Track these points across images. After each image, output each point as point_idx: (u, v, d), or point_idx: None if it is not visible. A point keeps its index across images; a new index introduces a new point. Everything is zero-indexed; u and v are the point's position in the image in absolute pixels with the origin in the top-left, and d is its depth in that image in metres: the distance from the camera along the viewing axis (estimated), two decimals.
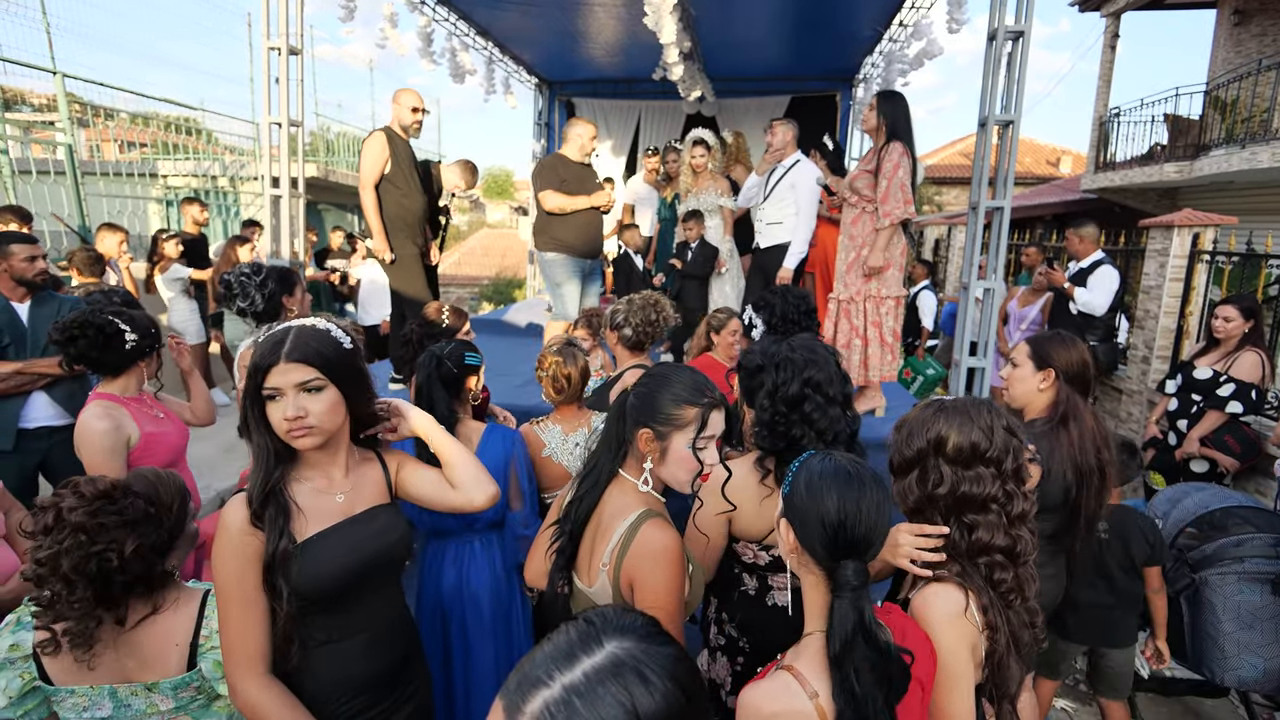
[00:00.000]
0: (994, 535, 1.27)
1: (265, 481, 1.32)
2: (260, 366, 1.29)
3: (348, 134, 12.91)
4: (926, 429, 1.32)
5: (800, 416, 1.62)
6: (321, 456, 1.41)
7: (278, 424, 1.30)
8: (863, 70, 7.40)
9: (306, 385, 1.30)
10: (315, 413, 1.31)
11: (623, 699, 0.59)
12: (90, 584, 1.28)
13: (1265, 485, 3.97)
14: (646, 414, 1.39)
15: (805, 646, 1.16)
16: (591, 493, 1.43)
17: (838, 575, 1.11)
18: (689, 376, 1.43)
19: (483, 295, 17.69)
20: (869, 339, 3.66)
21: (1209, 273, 5.11)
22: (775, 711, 1.06)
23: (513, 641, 2.22)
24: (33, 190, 6.02)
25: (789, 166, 4.38)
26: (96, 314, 2.21)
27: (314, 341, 1.32)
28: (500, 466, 2.18)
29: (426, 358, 2.17)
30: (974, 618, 1.25)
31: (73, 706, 1.36)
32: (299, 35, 4.25)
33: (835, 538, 1.12)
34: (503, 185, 36.57)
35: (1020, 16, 3.70)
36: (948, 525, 1.31)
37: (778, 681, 1.11)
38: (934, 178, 19.57)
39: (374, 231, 4.10)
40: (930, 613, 1.26)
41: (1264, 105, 8.89)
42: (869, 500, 1.13)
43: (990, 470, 1.28)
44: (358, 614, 1.44)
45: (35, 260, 2.99)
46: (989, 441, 1.28)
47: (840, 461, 1.20)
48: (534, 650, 0.65)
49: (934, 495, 1.31)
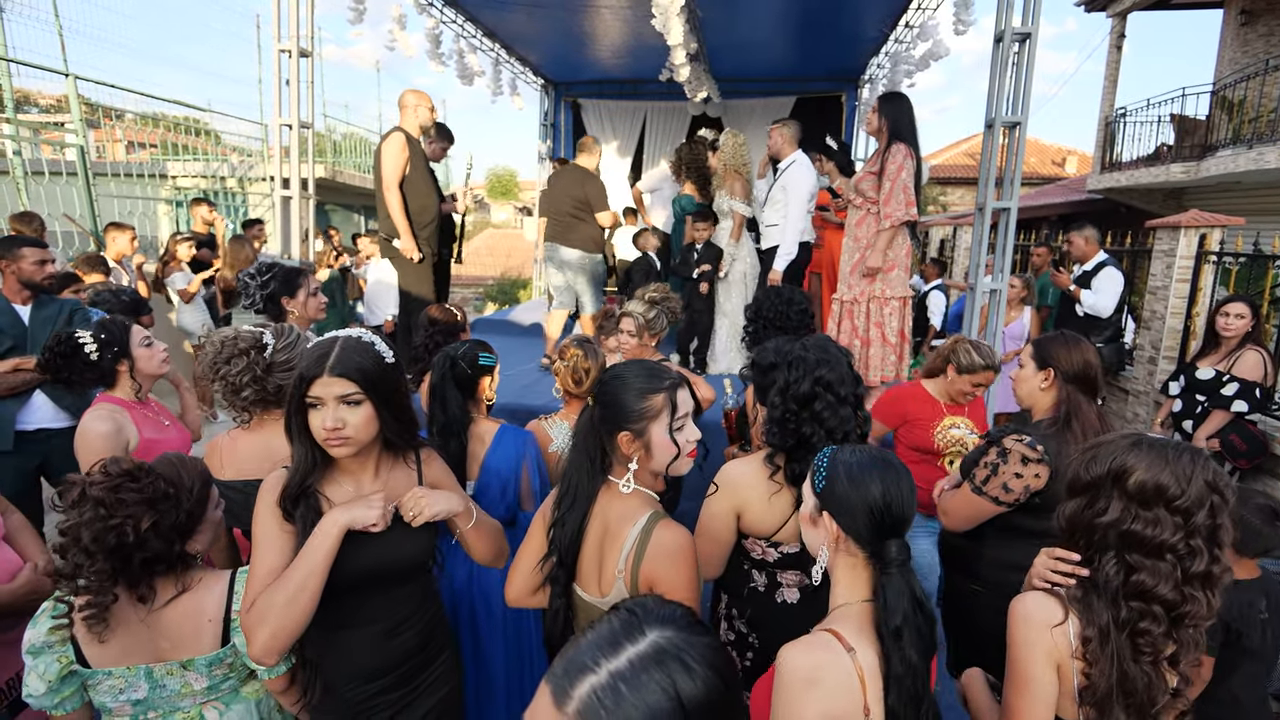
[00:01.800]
0: (1159, 584, 1.19)
1: (301, 482, 1.41)
2: (305, 377, 1.36)
3: (354, 135, 12.97)
4: (1114, 457, 1.25)
5: (811, 415, 1.63)
6: (353, 464, 1.48)
7: (317, 431, 1.37)
8: (868, 71, 7.42)
9: (346, 398, 1.37)
10: (352, 424, 1.38)
11: (666, 686, 0.61)
12: (108, 556, 1.33)
13: (1272, 485, 3.97)
14: (619, 417, 1.40)
15: (841, 615, 1.22)
16: (573, 512, 1.44)
17: (885, 554, 1.18)
18: (641, 368, 1.46)
19: (487, 295, 17.73)
20: (870, 340, 3.67)
21: (1215, 273, 5.11)
22: (815, 663, 1.12)
23: (523, 640, 2.23)
24: (44, 191, 6.07)
25: (784, 168, 4.40)
26: (61, 334, 2.23)
27: (357, 356, 1.38)
28: (512, 466, 2.20)
29: (441, 358, 2.19)
30: (1067, 636, 1.22)
31: (109, 689, 1.40)
32: (309, 37, 4.29)
33: (881, 520, 1.19)
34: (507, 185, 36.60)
35: (1027, 19, 3.71)
36: (1101, 557, 1.24)
37: (817, 638, 1.18)
38: (939, 178, 19.56)
39: (401, 232, 4.14)
40: (1018, 609, 1.28)
41: (1271, 105, 8.87)
42: (905, 481, 1.22)
43: (1175, 519, 1.19)
44: (370, 608, 1.50)
45: (44, 265, 3.00)
46: (1180, 488, 1.18)
47: (870, 451, 1.28)
48: (577, 638, 0.68)
49: (1095, 524, 1.25)
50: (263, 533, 1.42)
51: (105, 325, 2.29)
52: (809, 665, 1.12)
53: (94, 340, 2.22)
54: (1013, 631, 1.27)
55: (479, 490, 2.18)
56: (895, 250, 3.58)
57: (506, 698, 2.18)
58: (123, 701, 1.41)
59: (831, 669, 1.12)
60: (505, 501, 2.20)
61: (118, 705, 1.41)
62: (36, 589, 1.84)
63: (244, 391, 1.94)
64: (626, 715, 0.59)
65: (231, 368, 1.93)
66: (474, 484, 2.19)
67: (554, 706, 0.61)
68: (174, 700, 1.45)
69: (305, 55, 4.27)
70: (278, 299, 2.72)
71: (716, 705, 0.64)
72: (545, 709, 0.62)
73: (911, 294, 3.73)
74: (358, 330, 1.46)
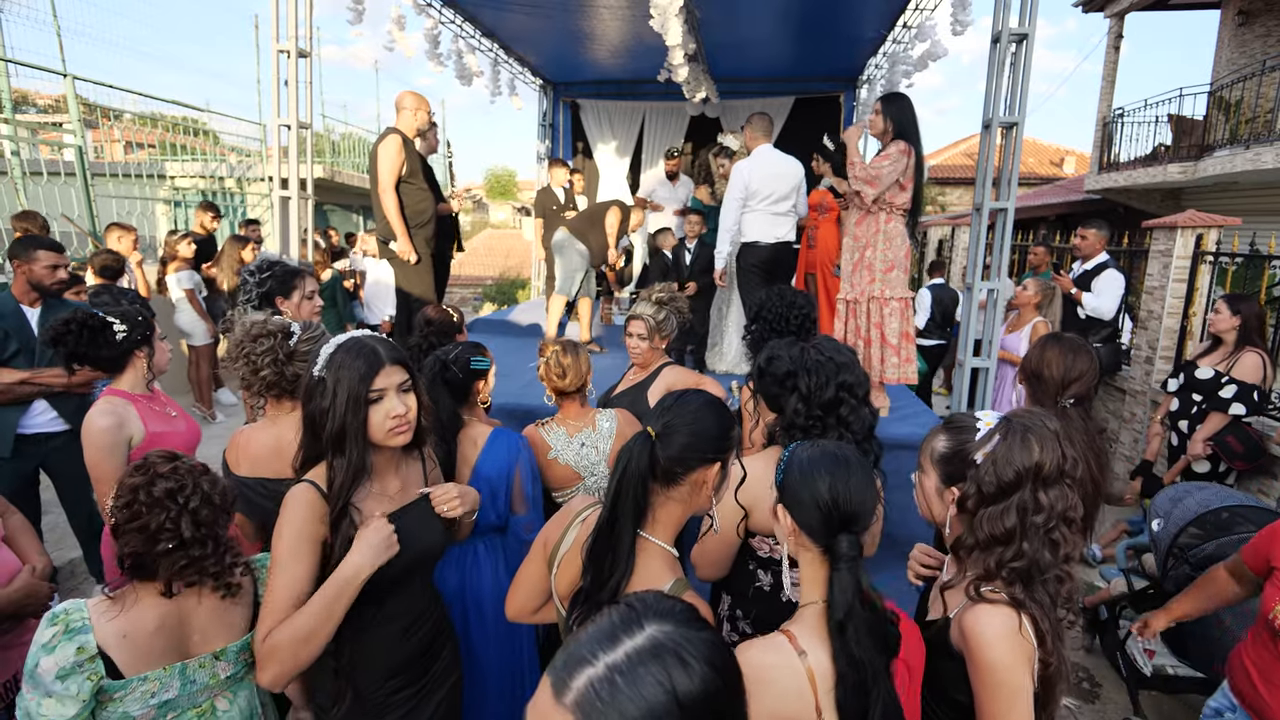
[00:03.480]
0: (1074, 549, 1.28)
1: (352, 485, 1.41)
2: (367, 374, 1.38)
3: (353, 135, 12.97)
4: (1018, 460, 1.27)
5: (836, 420, 1.66)
6: (386, 464, 1.52)
7: (380, 425, 1.40)
8: (867, 71, 7.43)
9: (403, 385, 1.44)
10: (412, 408, 1.45)
11: (662, 680, 0.62)
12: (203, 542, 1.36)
13: (1268, 485, 3.99)
14: (714, 447, 1.29)
15: (801, 616, 1.22)
16: (618, 568, 1.23)
17: (834, 549, 1.18)
18: (707, 395, 1.36)
19: (486, 296, 17.72)
20: (871, 340, 3.68)
21: (1212, 273, 5.12)
22: (763, 664, 1.13)
23: (515, 645, 2.22)
24: (43, 192, 6.07)
25: None
26: (80, 312, 2.23)
27: (394, 348, 1.45)
28: (504, 471, 2.19)
29: (432, 361, 2.18)
30: (1029, 636, 1.24)
31: (140, 696, 1.34)
32: (308, 38, 4.29)
33: (829, 515, 1.19)
34: (506, 185, 36.60)
35: (1024, 19, 3.72)
36: (1026, 544, 1.26)
37: (770, 641, 1.19)
38: (937, 178, 19.57)
39: (398, 234, 4.14)
40: (983, 631, 1.25)
41: (1268, 106, 8.89)
42: (855, 478, 1.21)
43: (1066, 483, 1.27)
44: (392, 604, 1.52)
45: (57, 270, 2.99)
46: (1059, 458, 1.26)
47: (826, 447, 1.27)
48: (578, 632, 0.68)
49: (1027, 518, 1.26)
50: (284, 551, 1.38)
51: (129, 313, 2.30)
52: (757, 665, 1.11)
53: (123, 322, 2.24)
54: (987, 652, 1.23)
55: None
56: (895, 250, 3.59)
57: (499, 701, 2.17)
58: (151, 706, 1.35)
59: (781, 670, 1.12)
60: (496, 509, 2.18)
61: (143, 712, 1.34)
62: (32, 593, 1.83)
63: (263, 371, 1.98)
64: (622, 709, 0.60)
65: (257, 346, 1.98)
66: None
67: (553, 698, 0.62)
68: (196, 696, 1.42)
69: (304, 56, 4.27)
70: (272, 298, 2.70)
71: (713, 701, 0.64)
72: (545, 700, 0.63)
73: (912, 295, 3.72)
74: (362, 331, 1.48)
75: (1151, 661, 2.78)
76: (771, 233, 4.37)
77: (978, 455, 1.31)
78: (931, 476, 1.36)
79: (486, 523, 2.17)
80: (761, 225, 4.37)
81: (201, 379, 6.39)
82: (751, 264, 4.44)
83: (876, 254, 3.62)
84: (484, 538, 2.20)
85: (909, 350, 3.68)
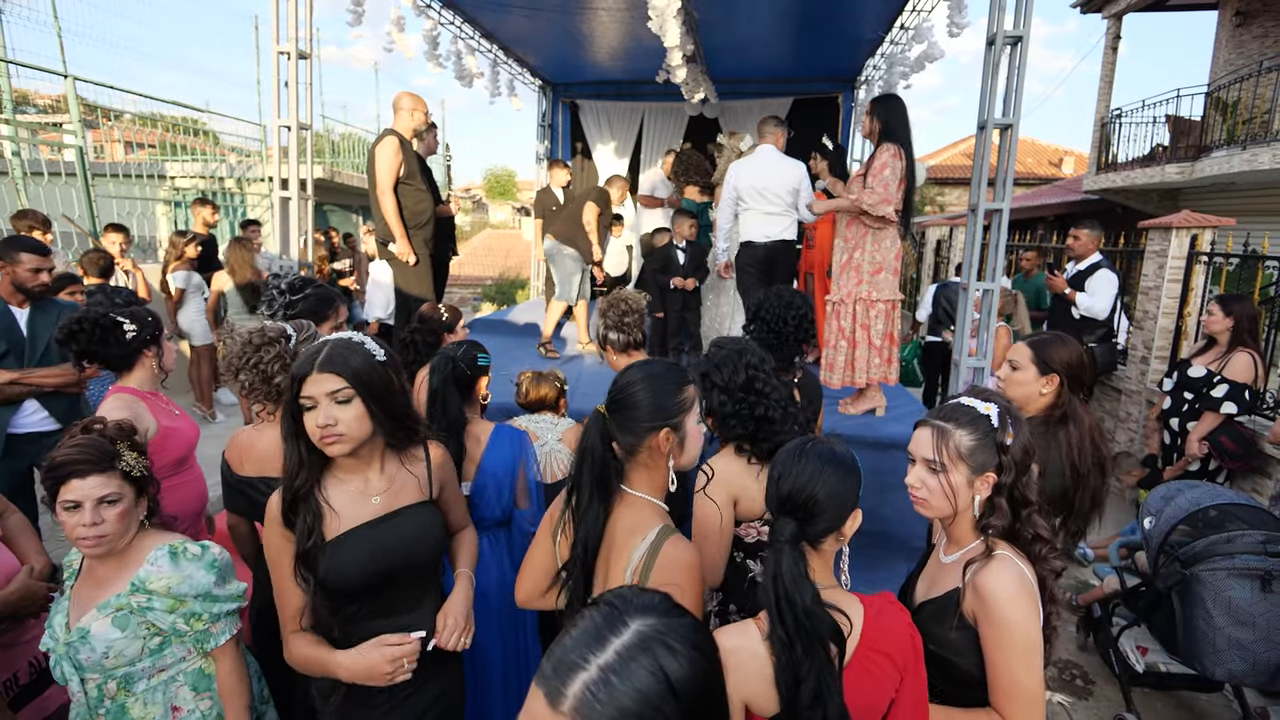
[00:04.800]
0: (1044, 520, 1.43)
1: (292, 487, 1.43)
2: (296, 377, 1.40)
3: (352, 135, 12.99)
4: (1022, 434, 1.42)
5: (755, 395, 1.81)
6: (355, 462, 1.50)
7: (312, 431, 1.39)
8: (865, 72, 7.45)
9: (336, 395, 1.39)
10: (344, 421, 1.39)
11: (654, 669, 0.64)
12: None
13: (1259, 484, 4.01)
14: (658, 416, 1.36)
15: None
16: (593, 530, 1.37)
17: (774, 528, 1.25)
18: (658, 365, 1.45)
19: (485, 295, 17.74)
20: (857, 341, 3.70)
21: (1207, 273, 5.15)
22: (731, 648, 1.17)
23: (520, 639, 2.25)
24: (43, 192, 6.09)
25: None
26: (92, 310, 2.26)
27: (345, 354, 1.41)
28: (508, 467, 2.22)
29: (441, 360, 2.20)
30: (1033, 587, 1.34)
31: None
32: (308, 39, 4.31)
33: (773, 494, 1.30)
34: (505, 186, 36.61)
35: (1019, 21, 3.74)
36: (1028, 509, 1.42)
37: (741, 626, 1.26)
38: (936, 178, 19.60)
39: (396, 235, 4.16)
40: (1001, 588, 1.31)
41: (1265, 106, 8.91)
42: (802, 466, 1.28)
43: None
44: (383, 601, 1.53)
45: (39, 273, 2.98)
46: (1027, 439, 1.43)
47: (807, 440, 1.36)
48: (561, 637, 0.69)
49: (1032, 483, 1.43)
50: (271, 566, 1.47)
51: (139, 313, 2.33)
52: (725, 649, 1.14)
53: (133, 321, 2.27)
54: (1005, 608, 1.30)
55: (475, 491, 2.20)
56: (884, 253, 3.60)
57: (504, 689, 2.20)
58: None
59: (743, 655, 1.18)
60: (501, 503, 2.22)
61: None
62: (29, 594, 1.85)
63: (276, 379, 2.01)
64: (620, 703, 0.62)
65: (264, 354, 2.01)
66: (470, 485, 2.20)
67: (549, 708, 0.63)
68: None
69: (304, 57, 4.29)
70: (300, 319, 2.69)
71: (703, 681, 0.67)
72: (541, 711, 0.64)
73: (901, 298, 3.74)
74: (347, 332, 1.50)
75: (1144, 659, 2.81)
76: (764, 231, 4.42)
77: (1006, 439, 1.40)
78: (961, 470, 1.40)
79: (491, 517, 2.21)
80: (755, 225, 4.42)
81: (203, 379, 6.40)
82: (747, 263, 4.47)
83: (865, 256, 3.62)
84: (489, 532, 2.23)
85: (891, 352, 3.72)
